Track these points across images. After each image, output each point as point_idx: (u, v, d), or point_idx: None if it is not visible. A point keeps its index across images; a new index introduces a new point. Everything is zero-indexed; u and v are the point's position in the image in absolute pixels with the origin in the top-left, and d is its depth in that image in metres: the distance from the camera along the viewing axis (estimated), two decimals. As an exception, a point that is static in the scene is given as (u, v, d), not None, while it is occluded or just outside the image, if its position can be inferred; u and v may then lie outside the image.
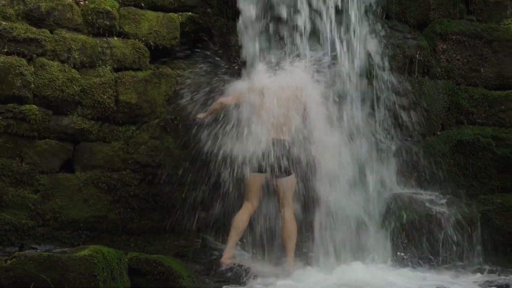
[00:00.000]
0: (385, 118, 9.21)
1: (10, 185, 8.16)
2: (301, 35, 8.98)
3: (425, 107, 9.50)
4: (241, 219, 8.09)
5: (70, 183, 8.41)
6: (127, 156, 8.62)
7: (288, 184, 8.16)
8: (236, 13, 9.15)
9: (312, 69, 8.44)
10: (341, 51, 9.01)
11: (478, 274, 8.22)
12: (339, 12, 9.19)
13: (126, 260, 6.98)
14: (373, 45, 9.36)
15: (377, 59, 9.31)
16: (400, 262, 8.48)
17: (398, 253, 8.57)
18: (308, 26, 9.01)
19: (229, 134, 8.16)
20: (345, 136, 8.62)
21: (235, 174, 8.11)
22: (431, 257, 8.58)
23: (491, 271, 8.37)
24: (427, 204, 8.83)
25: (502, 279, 8.02)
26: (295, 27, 9.00)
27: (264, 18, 9.01)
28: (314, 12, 9.10)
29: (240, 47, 9.04)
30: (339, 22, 9.17)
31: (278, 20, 9.04)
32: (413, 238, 8.65)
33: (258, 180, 8.16)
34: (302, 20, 9.00)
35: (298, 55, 8.74)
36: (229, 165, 8.10)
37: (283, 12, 8.99)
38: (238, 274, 7.63)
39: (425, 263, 8.48)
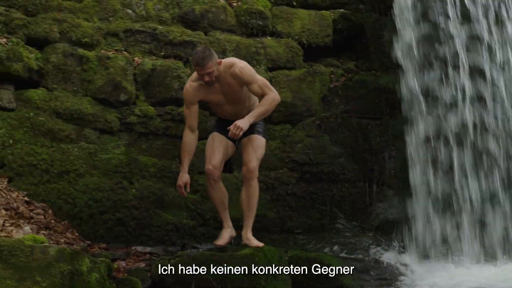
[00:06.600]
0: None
1: (170, 186, 8.25)
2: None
3: None
4: None
5: (228, 182, 8.41)
6: (283, 154, 8.63)
7: None
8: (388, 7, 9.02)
9: None
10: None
11: None
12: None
13: (287, 258, 6.97)
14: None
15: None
16: None
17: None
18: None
19: None
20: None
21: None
22: None
23: None
24: None
25: None
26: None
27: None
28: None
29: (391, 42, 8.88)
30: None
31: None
32: None
33: None
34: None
35: None
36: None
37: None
38: (395, 275, 7.49)
39: None
